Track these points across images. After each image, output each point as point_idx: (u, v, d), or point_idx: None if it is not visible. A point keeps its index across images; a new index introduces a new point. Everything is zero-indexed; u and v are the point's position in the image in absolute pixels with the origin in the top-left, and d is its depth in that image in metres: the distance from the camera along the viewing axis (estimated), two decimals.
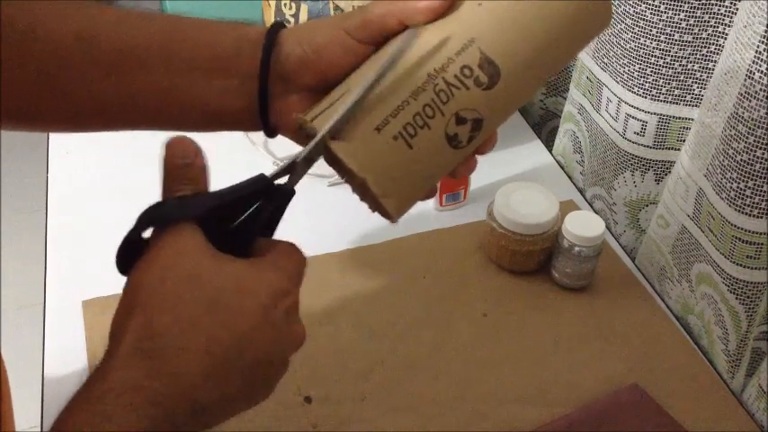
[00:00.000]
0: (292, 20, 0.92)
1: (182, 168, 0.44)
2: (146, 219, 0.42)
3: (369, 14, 0.48)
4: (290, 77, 0.50)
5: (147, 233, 0.43)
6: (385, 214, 0.49)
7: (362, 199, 0.51)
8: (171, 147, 0.45)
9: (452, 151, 0.48)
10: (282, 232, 0.50)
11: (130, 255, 0.43)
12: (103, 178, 0.93)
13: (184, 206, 0.43)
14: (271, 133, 0.53)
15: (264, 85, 0.50)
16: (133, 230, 0.42)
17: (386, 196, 0.47)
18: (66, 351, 0.72)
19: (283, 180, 0.46)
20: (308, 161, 0.46)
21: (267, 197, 0.45)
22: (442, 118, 0.46)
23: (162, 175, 0.45)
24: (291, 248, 0.46)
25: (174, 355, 0.39)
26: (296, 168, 0.46)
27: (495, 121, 0.49)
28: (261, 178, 0.45)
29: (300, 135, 0.50)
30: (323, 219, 0.87)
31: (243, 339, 0.41)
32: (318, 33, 0.50)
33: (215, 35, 0.51)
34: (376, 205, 0.49)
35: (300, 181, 0.47)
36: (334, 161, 0.48)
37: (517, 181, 0.82)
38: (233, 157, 0.94)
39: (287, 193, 0.46)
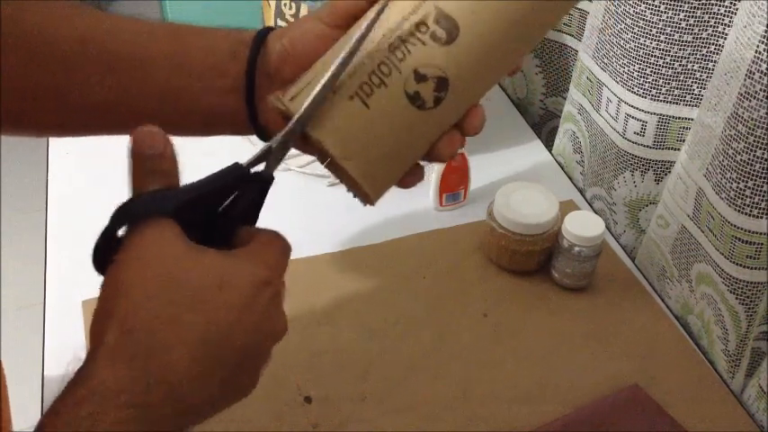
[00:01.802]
0: (292, 20, 0.92)
1: (151, 160, 0.42)
2: (120, 215, 0.41)
3: None
4: (273, 73, 0.50)
5: (122, 231, 0.41)
6: (357, 188, 0.47)
7: (340, 179, 0.49)
8: (138, 136, 0.42)
9: (418, 112, 0.46)
10: (282, 232, 0.50)
11: (107, 253, 0.41)
12: (103, 178, 0.93)
13: (159, 200, 0.41)
14: (262, 135, 0.53)
15: (252, 82, 0.50)
16: (107, 228, 0.41)
17: (345, 158, 0.45)
18: (66, 351, 0.71)
19: (261, 167, 0.45)
20: (283, 146, 0.45)
21: (246, 185, 0.45)
22: (399, 75, 0.45)
23: (129, 168, 0.42)
24: (272, 237, 0.45)
25: (155, 355, 0.39)
26: (272, 154, 0.45)
27: (466, 83, 0.47)
28: (236, 167, 0.44)
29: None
30: (322, 219, 0.87)
31: (225, 334, 0.40)
32: (297, 26, 0.50)
33: (213, 40, 0.51)
34: (347, 180, 0.47)
35: (300, 181, 0.47)
36: (308, 144, 0.47)
37: (517, 181, 0.81)
38: (232, 157, 0.94)
39: (266, 180, 0.45)
